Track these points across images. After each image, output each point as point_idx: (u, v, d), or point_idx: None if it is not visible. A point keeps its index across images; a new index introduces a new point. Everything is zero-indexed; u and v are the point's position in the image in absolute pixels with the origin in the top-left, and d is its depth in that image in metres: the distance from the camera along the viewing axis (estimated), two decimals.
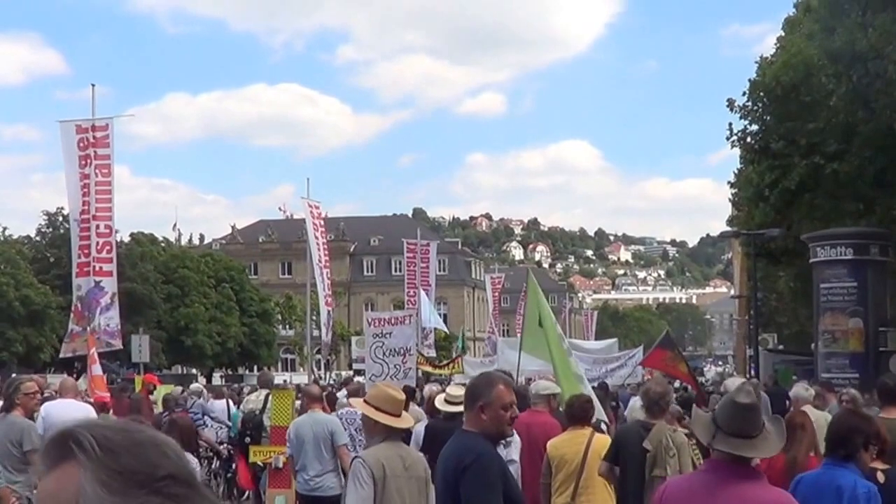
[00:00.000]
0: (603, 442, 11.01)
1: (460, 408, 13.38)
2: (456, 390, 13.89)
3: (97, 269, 22.93)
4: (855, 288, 25.29)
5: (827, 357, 26.15)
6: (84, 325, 22.70)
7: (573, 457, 10.93)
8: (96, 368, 22.39)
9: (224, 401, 25.33)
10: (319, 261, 35.01)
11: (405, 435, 12.07)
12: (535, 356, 18.61)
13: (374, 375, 22.74)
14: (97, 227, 23.19)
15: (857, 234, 26.76)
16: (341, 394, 24.87)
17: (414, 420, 14.54)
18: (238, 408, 23.00)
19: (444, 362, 43.82)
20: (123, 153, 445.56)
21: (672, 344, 23.82)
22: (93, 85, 25.02)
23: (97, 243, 23.06)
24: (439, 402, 13.71)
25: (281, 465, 14.78)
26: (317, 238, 35.20)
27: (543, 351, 16.81)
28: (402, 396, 8.84)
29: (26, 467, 11.13)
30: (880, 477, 7.82)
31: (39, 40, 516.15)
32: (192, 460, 12.97)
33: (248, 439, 18.73)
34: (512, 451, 11.07)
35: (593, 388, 25.24)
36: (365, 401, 8.80)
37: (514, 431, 11.13)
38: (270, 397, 18.93)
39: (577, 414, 11.43)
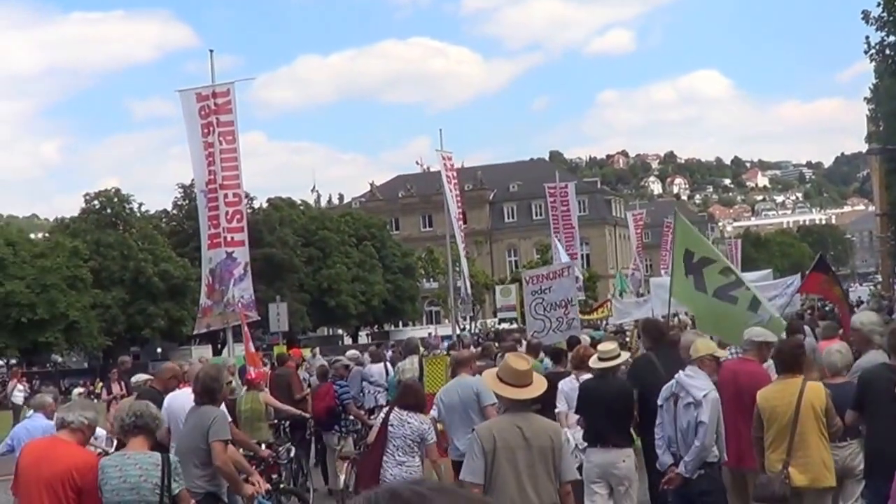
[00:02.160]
0: (817, 391, 10.06)
1: (614, 362, 12.77)
2: (608, 346, 13.25)
3: (228, 239, 22.33)
4: None
5: None
6: (216, 298, 22.16)
7: (785, 409, 10.02)
8: (250, 346, 21.97)
9: (382, 364, 24.78)
10: (457, 213, 34.34)
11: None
12: (681, 301, 17.71)
13: (536, 332, 22.39)
14: (225, 195, 22.59)
15: None
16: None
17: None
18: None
19: (595, 306, 42.90)
20: (258, 119, 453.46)
21: (827, 267, 22.97)
22: (210, 51, 24.29)
23: (226, 213, 22.46)
24: (593, 362, 13.08)
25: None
26: (450, 190, 34.53)
27: (690, 302, 15.97)
28: (527, 366, 8.66)
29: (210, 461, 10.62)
30: None
31: (169, 15, 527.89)
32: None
33: None
34: (703, 411, 10.32)
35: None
36: (496, 373, 8.73)
37: (707, 390, 10.49)
38: (424, 363, 18.25)
39: (787, 360, 10.45)
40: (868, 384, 10.00)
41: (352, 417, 18.71)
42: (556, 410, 14.20)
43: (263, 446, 15.43)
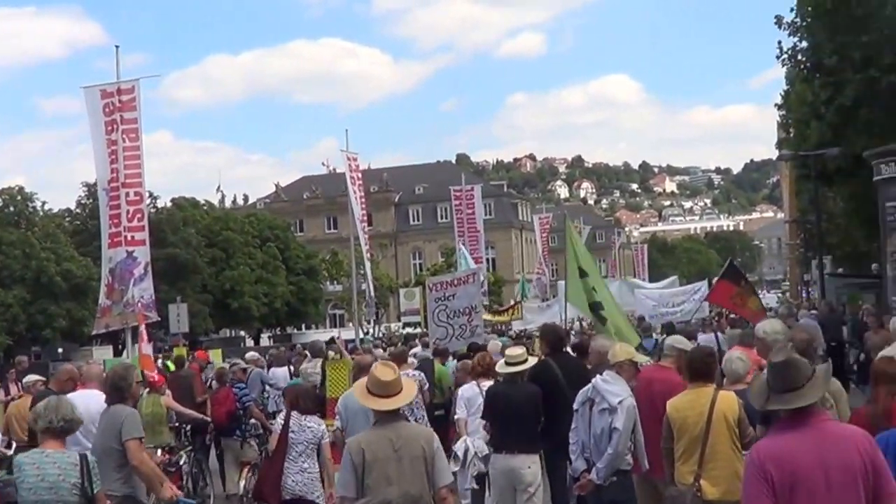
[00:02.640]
0: (729, 400, 9.78)
1: (522, 367, 12.67)
2: (515, 350, 13.19)
3: (129, 238, 22.09)
4: None
5: None
6: (116, 298, 21.91)
7: (697, 419, 9.70)
8: (146, 347, 21.61)
9: (286, 368, 24.55)
10: (359, 215, 34.20)
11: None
12: (575, 306, 17.66)
13: (438, 339, 22.17)
14: (127, 194, 22.38)
15: None
16: (416, 350, 24.19)
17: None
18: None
19: (503, 308, 42.99)
20: (165, 118, 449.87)
21: (738, 275, 22.41)
22: (117, 47, 23.95)
23: (128, 212, 22.23)
24: (500, 367, 12.99)
25: (331, 438, 13.77)
26: (355, 191, 34.36)
27: (583, 304, 15.87)
28: (392, 377, 8.49)
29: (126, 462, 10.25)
30: None
31: (80, 12, 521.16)
32: None
33: None
34: (617, 417, 10.25)
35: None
36: (365, 385, 8.61)
37: (623, 396, 10.41)
38: (326, 368, 18.03)
39: (699, 369, 10.11)
40: None
41: (253, 421, 18.46)
42: (456, 417, 14.12)
43: (159, 452, 15.21)
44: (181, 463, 16.19)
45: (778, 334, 10.93)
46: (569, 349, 15.18)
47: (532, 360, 13.19)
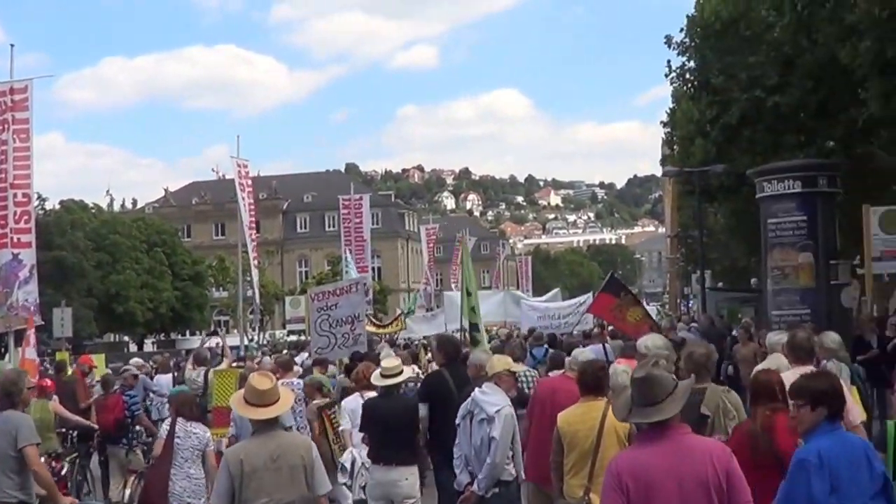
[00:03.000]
0: None
1: (397, 379, 12.73)
2: (391, 362, 13.17)
3: (15, 240, 21.77)
4: (804, 221, 24.62)
5: (777, 294, 25.47)
6: (0, 301, 21.56)
7: (587, 433, 9.69)
8: (30, 352, 21.33)
9: (169, 375, 24.36)
10: (247, 221, 34.06)
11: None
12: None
13: (320, 349, 22.21)
14: (15, 195, 22.04)
15: (805, 166, 26.12)
16: (299, 358, 24.09)
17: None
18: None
19: (388, 321, 43.13)
20: (57, 120, 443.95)
21: (619, 287, 22.57)
22: (12, 45, 23.75)
23: (15, 213, 21.90)
24: (375, 379, 12.98)
25: (224, 447, 13.76)
26: (243, 198, 34.21)
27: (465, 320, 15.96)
28: (267, 386, 8.51)
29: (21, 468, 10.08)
30: None
31: None
32: None
33: None
34: (495, 427, 10.33)
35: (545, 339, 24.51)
36: (242, 394, 8.62)
37: (501, 405, 10.50)
38: (211, 377, 17.94)
39: (590, 383, 10.11)
40: None
41: (139, 429, 18.33)
42: (341, 428, 14.17)
43: (43, 459, 15.03)
44: (64, 471, 16.04)
45: (660, 349, 10.79)
46: None
47: (408, 372, 13.30)
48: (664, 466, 6.27)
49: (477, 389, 10.73)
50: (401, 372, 12.80)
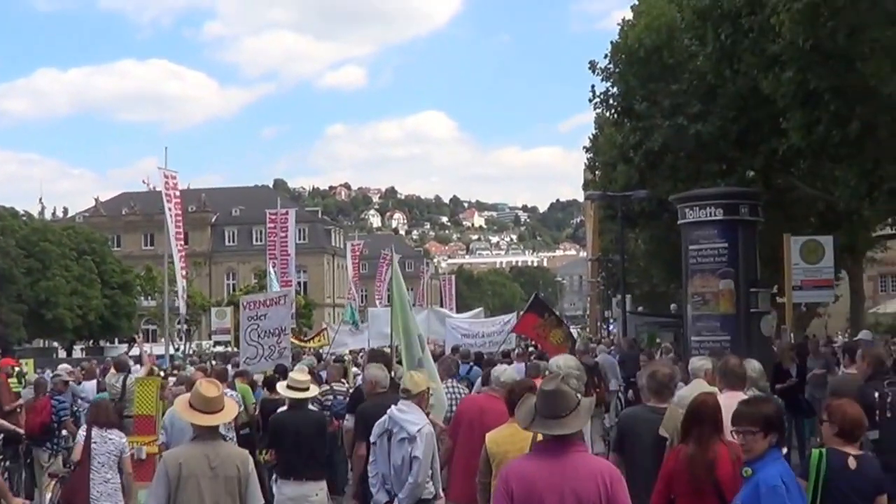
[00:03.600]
0: None
1: (307, 394, 12.69)
2: (300, 376, 13.23)
3: None
4: (725, 249, 24.79)
5: (697, 319, 25.68)
6: None
7: (516, 454, 8.94)
8: None
9: (95, 381, 24.27)
10: (174, 232, 33.97)
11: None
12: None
13: (248, 359, 22.22)
14: None
15: (727, 193, 26.34)
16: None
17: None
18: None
19: (311, 335, 43.11)
20: None
21: (543, 308, 22.99)
22: None
23: None
24: (282, 389, 13.05)
25: (144, 456, 13.88)
26: (170, 209, 34.14)
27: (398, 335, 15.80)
28: (215, 394, 8.55)
29: None
30: (851, 463, 7.73)
31: None
32: None
33: None
34: (416, 446, 10.19)
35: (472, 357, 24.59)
36: (188, 400, 8.62)
37: (421, 424, 10.37)
38: (132, 385, 17.96)
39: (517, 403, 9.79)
40: (629, 427, 10.02)
41: (64, 433, 18.31)
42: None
43: None
44: None
45: (571, 369, 10.76)
46: None
47: (315, 389, 13.37)
48: (549, 479, 6.54)
49: (394, 407, 10.51)
50: (308, 388, 12.82)
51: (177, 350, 46.96)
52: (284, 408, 13.21)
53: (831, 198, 29.96)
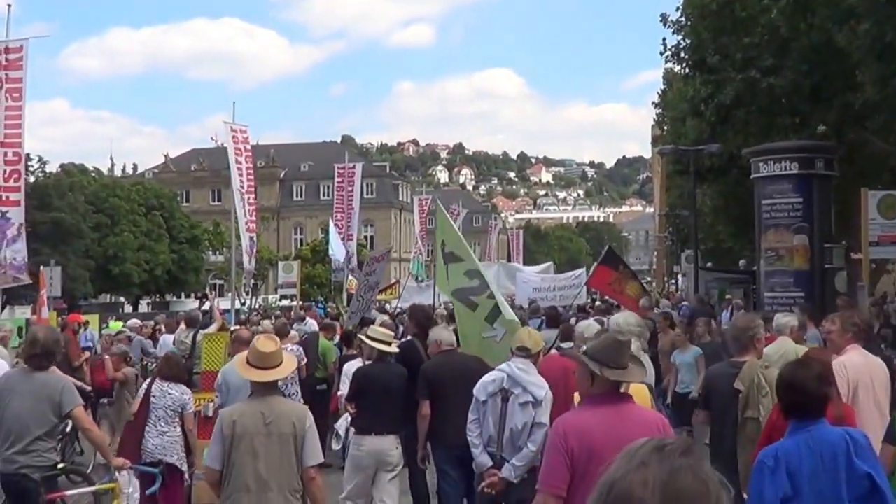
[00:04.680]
0: (641, 394, 8.84)
1: (390, 348, 12.53)
2: (382, 329, 13.21)
3: (4, 198, 21.65)
4: (800, 203, 24.49)
5: (770, 276, 25.39)
6: None
7: None
8: (44, 311, 21.31)
9: (173, 335, 24.24)
10: (241, 186, 33.85)
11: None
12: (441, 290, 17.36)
13: (352, 313, 22.54)
14: (5, 154, 21.92)
15: (802, 147, 25.97)
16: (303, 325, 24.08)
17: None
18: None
19: (384, 286, 43.09)
20: (63, 86, 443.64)
21: (617, 261, 22.63)
22: (9, 5, 23.47)
23: (5, 171, 21.78)
24: (367, 340, 12.89)
25: (211, 413, 13.70)
26: (239, 163, 34.00)
27: (445, 289, 15.24)
28: (272, 349, 8.39)
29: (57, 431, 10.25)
30: None
31: None
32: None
33: None
34: (542, 411, 9.66)
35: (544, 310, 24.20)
36: (246, 357, 8.54)
37: (546, 388, 9.86)
38: (202, 341, 17.90)
39: None
40: (712, 384, 9.88)
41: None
42: (339, 394, 14.07)
43: None
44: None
45: (632, 326, 10.51)
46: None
47: (394, 345, 13.01)
48: (609, 432, 6.24)
49: (516, 367, 9.79)
50: (391, 342, 12.66)
51: (243, 305, 46.95)
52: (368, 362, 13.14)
53: None
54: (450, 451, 11.32)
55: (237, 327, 19.74)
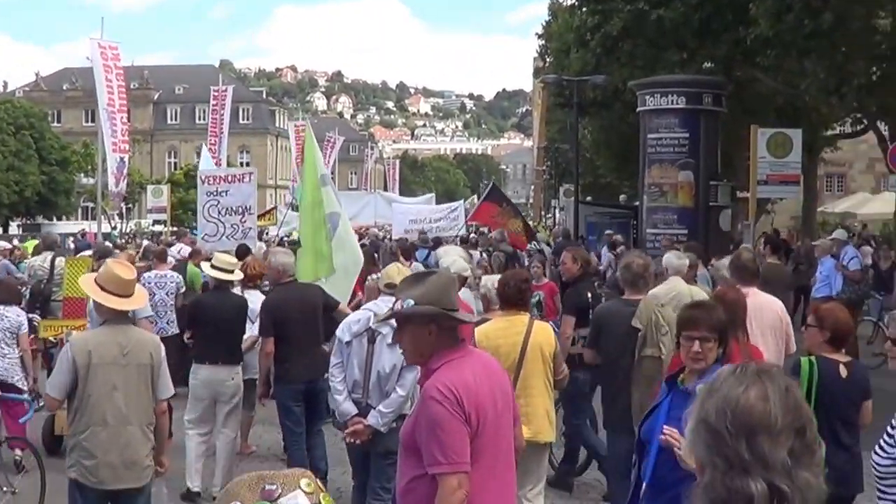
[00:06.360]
0: (545, 332, 8.94)
1: (231, 276, 12.07)
2: (227, 257, 12.80)
3: None
4: (686, 139, 24.18)
5: (653, 212, 25.08)
6: None
7: (509, 350, 8.65)
8: None
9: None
10: (111, 104, 32.58)
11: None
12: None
13: (207, 235, 21.70)
14: None
15: (691, 81, 25.65)
16: (174, 250, 23.01)
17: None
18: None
19: (261, 212, 42.13)
20: None
21: (501, 197, 22.58)
22: None
23: None
24: (207, 269, 12.71)
25: None
26: (109, 81, 32.72)
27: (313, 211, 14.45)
28: (131, 276, 7.95)
29: None
30: (843, 371, 7.29)
31: None
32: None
33: (37, 313, 16.41)
34: None
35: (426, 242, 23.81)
36: (95, 280, 7.94)
37: None
38: (60, 265, 16.94)
39: (512, 296, 8.97)
40: (604, 321, 9.55)
41: None
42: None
43: None
44: None
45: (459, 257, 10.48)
46: None
47: (239, 273, 12.60)
48: (484, 385, 5.27)
49: (384, 305, 8.36)
50: (233, 270, 12.30)
51: (114, 229, 45.83)
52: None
53: (795, 91, 29.06)
54: (293, 386, 11.10)
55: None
